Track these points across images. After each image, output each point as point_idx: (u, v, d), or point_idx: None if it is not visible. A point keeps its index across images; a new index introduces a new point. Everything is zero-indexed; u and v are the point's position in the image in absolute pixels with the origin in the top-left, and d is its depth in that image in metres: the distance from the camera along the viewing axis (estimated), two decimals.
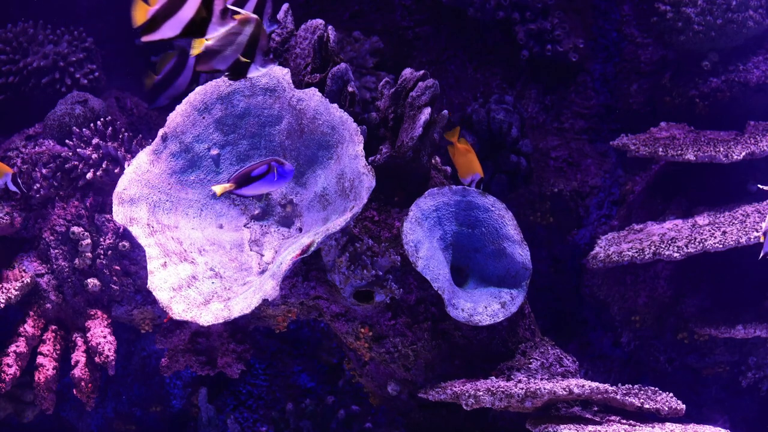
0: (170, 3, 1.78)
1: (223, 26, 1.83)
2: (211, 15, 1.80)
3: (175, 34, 1.80)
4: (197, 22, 1.79)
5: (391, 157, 2.38)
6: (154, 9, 1.78)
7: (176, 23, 1.79)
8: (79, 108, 2.74)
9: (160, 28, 1.80)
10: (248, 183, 2.15)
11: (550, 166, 3.15)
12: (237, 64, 1.96)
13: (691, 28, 2.94)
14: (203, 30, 1.81)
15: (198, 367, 2.56)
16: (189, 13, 1.79)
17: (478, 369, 2.41)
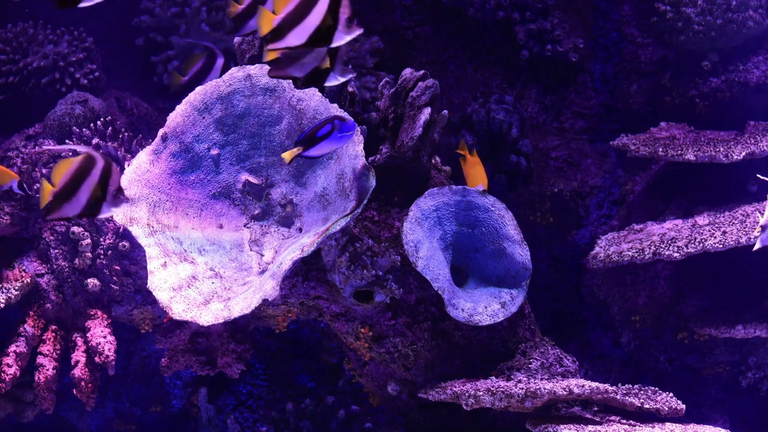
0: (296, 11, 1.76)
1: (349, 34, 1.79)
2: (336, 23, 1.77)
3: (300, 42, 1.77)
4: (323, 31, 1.76)
5: (391, 157, 2.38)
6: (279, 18, 1.76)
7: (302, 32, 1.77)
8: (79, 108, 2.74)
9: (285, 36, 1.77)
10: (315, 143, 2.13)
11: (550, 166, 3.15)
12: (316, 72, 1.94)
13: (691, 28, 2.94)
14: (329, 38, 1.78)
15: (198, 367, 2.56)
16: (315, 21, 1.76)
17: (478, 369, 2.41)
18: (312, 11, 1.76)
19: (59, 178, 1.86)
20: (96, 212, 1.90)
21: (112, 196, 1.89)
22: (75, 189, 1.86)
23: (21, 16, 2.99)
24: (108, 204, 1.89)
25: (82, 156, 1.86)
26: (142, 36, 3.06)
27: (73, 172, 1.86)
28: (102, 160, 1.87)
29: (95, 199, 1.87)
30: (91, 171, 1.87)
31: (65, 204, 1.87)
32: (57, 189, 1.86)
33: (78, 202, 1.87)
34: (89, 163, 1.86)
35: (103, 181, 1.88)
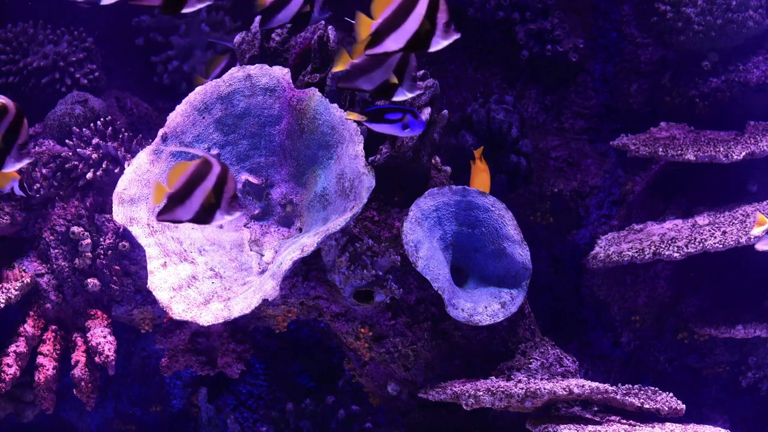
0: (394, 16, 1.75)
1: (447, 39, 1.78)
2: (435, 28, 1.76)
3: (399, 47, 1.77)
4: (421, 35, 1.75)
5: (391, 157, 2.38)
6: (377, 23, 1.76)
7: (400, 36, 1.76)
8: (79, 108, 2.74)
9: (383, 41, 1.77)
10: (378, 121, 2.12)
11: (550, 166, 3.15)
12: (385, 85, 1.94)
13: (691, 28, 2.94)
14: (427, 43, 1.77)
15: (198, 367, 2.56)
16: (413, 26, 1.75)
17: (478, 369, 2.41)
18: (410, 16, 1.75)
19: (174, 181, 1.81)
20: (209, 219, 1.85)
21: (227, 204, 1.84)
22: (189, 193, 1.82)
23: (21, 16, 2.99)
24: (222, 211, 1.84)
25: (199, 160, 1.81)
26: (142, 36, 3.06)
27: (188, 176, 1.81)
28: (218, 166, 1.82)
29: (209, 205, 1.83)
30: (207, 176, 1.82)
31: (178, 207, 1.83)
32: (172, 191, 1.82)
33: (191, 207, 1.83)
34: (205, 168, 1.82)
35: (218, 187, 1.83)
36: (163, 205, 1.83)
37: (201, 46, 3.01)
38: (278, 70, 2.39)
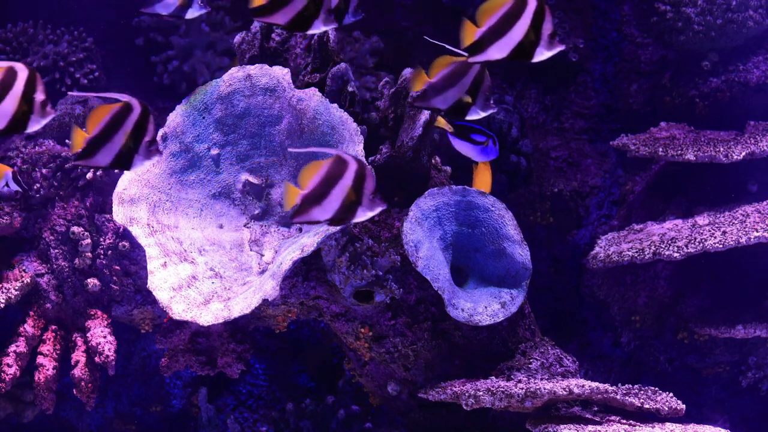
0: (499, 25, 1.76)
1: (551, 50, 1.79)
2: (539, 39, 1.77)
3: (502, 56, 1.78)
4: (525, 46, 1.76)
5: (391, 157, 2.38)
6: (482, 30, 1.77)
7: (504, 45, 1.77)
8: (79, 108, 2.74)
9: (487, 49, 1.78)
10: (462, 138, 2.15)
11: (550, 166, 3.15)
12: (458, 104, 1.95)
13: (691, 28, 2.94)
14: (531, 54, 1.78)
15: (198, 367, 2.56)
16: (518, 36, 1.76)
17: (478, 369, 2.41)
18: (515, 26, 1.76)
19: (308, 180, 1.80)
20: (350, 217, 1.82)
21: (368, 201, 1.81)
22: (327, 191, 1.80)
23: (21, 16, 2.99)
24: (364, 208, 1.81)
25: (333, 158, 1.79)
26: (142, 36, 3.06)
27: (324, 175, 1.79)
28: (355, 163, 1.79)
29: (350, 203, 1.80)
30: (344, 174, 1.79)
31: (314, 207, 1.81)
32: (306, 192, 1.80)
33: (330, 206, 1.80)
34: (341, 166, 1.79)
35: (357, 185, 1.80)
36: (296, 207, 1.80)
37: (201, 46, 3.01)
38: (278, 70, 2.39)
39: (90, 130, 1.81)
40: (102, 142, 1.81)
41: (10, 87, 1.75)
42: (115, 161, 1.82)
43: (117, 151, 1.81)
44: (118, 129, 1.80)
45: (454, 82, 1.95)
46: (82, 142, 1.81)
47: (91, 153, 1.81)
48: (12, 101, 1.75)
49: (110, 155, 1.81)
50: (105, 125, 1.80)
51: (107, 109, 1.80)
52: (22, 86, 1.75)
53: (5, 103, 1.76)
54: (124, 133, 1.80)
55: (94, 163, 1.82)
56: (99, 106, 1.83)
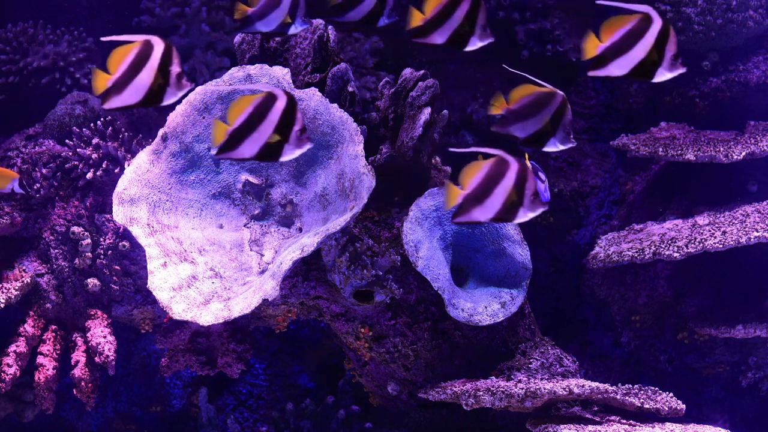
0: (622, 42, 1.77)
1: (672, 72, 1.79)
2: (662, 59, 1.78)
3: (622, 73, 1.78)
4: (647, 65, 1.77)
5: (391, 157, 2.38)
6: (604, 45, 1.78)
7: (625, 63, 1.78)
8: (79, 108, 2.74)
9: (607, 65, 1.79)
10: None
11: (550, 165, 3.15)
12: (537, 134, 1.94)
13: (691, 28, 2.94)
14: (651, 73, 1.79)
15: (198, 367, 2.56)
16: (641, 54, 1.77)
17: (478, 369, 2.41)
18: (638, 44, 1.76)
19: (469, 180, 1.79)
20: (511, 218, 1.81)
21: (529, 201, 1.80)
22: (488, 191, 1.80)
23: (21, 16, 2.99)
24: (525, 209, 1.81)
25: (495, 158, 1.78)
26: None
27: (485, 175, 1.79)
28: (516, 164, 1.78)
29: (511, 203, 1.79)
30: (506, 174, 1.78)
31: (476, 207, 1.80)
32: (468, 191, 1.79)
33: (492, 206, 1.80)
34: (502, 166, 1.78)
35: (519, 185, 1.79)
36: (458, 207, 1.80)
37: (201, 46, 3.01)
38: (278, 70, 2.39)
39: (231, 121, 1.77)
40: (246, 134, 1.78)
41: (147, 60, 1.75)
42: (262, 152, 1.79)
43: (264, 142, 1.78)
44: (263, 119, 1.77)
45: (536, 111, 1.94)
46: (224, 133, 1.78)
47: (234, 145, 1.78)
48: (148, 74, 1.76)
49: (256, 146, 1.79)
50: (248, 116, 1.77)
51: (249, 99, 1.78)
52: (159, 59, 1.75)
53: (141, 76, 1.76)
54: (271, 123, 1.77)
55: (238, 155, 1.79)
56: (241, 97, 1.79)
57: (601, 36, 1.78)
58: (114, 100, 1.79)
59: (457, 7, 1.87)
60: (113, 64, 1.78)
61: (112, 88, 1.78)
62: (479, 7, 1.88)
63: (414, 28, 1.89)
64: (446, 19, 1.88)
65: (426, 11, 1.86)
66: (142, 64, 1.77)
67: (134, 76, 1.78)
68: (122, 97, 1.79)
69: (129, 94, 1.79)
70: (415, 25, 1.89)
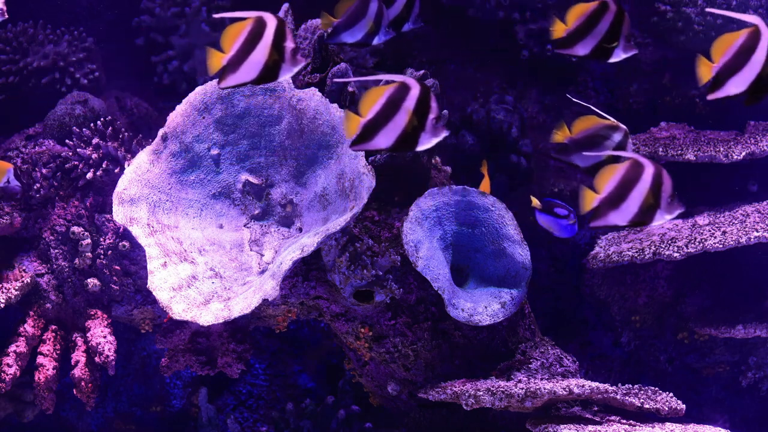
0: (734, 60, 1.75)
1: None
2: None
3: (739, 91, 1.77)
4: (765, 79, 1.75)
5: (391, 157, 2.38)
6: (718, 66, 1.76)
7: (741, 80, 1.76)
8: (79, 108, 2.74)
9: (725, 85, 1.77)
10: (547, 212, 2.24)
11: (550, 165, 3.15)
12: (598, 165, 1.93)
13: (691, 28, 2.94)
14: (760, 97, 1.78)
15: (198, 367, 2.56)
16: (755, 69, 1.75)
17: (478, 369, 2.41)
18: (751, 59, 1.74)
19: (605, 184, 1.77)
20: (648, 221, 1.78)
21: (666, 203, 1.77)
22: (624, 196, 1.77)
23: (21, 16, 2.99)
24: (662, 211, 1.78)
25: (630, 161, 1.75)
26: (142, 36, 3.06)
27: (621, 178, 1.76)
28: (652, 166, 1.75)
29: (648, 206, 1.77)
30: (641, 177, 1.76)
31: (612, 211, 1.77)
32: (604, 195, 1.77)
33: (628, 210, 1.77)
34: (637, 169, 1.76)
35: (656, 187, 1.76)
36: (593, 211, 1.78)
37: (201, 46, 3.01)
38: None
39: (364, 113, 1.74)
40: (381, 124, 1.75)
41: (260, 36, 1.74)
42: (398, 142, 1.76)
43: (400, 132, 1.75)
44: (397, 109, 1.74)
45: (597, 143, 1.96)
46: (357, 126, 1.75)
47: (369, 136, 1.75)
48: (263, 50, 1.74)
49: (392, 136, 1.76)
50: (383, 106, 1.74)
51: (381, 90, 1.74)
52: (272, 35, 1.73)
53: (256, 53, 1.75)
54: (407, 112, 1.74)
55: (374, 146, 1.76)
56: (373, 88, 1.76)
57: (712, 57, 1.74)
58: (230, 78, 1.77)
59: (602, 18, 1.86)
60: (227, 43, 1.76)
61: (228, 66, 1.76)
62: (623, 18, 1.87)
63: (558, 39, 1.89)
64: (590, 30, 1.87)
65: (569, 22, 1.87)
66: (256, 41, 1.75)
67: (249, 53, 1.76)
68: (238, 75, 1.77)
69: (244, 72, 1.77)
70: (558, 36, 1.89)
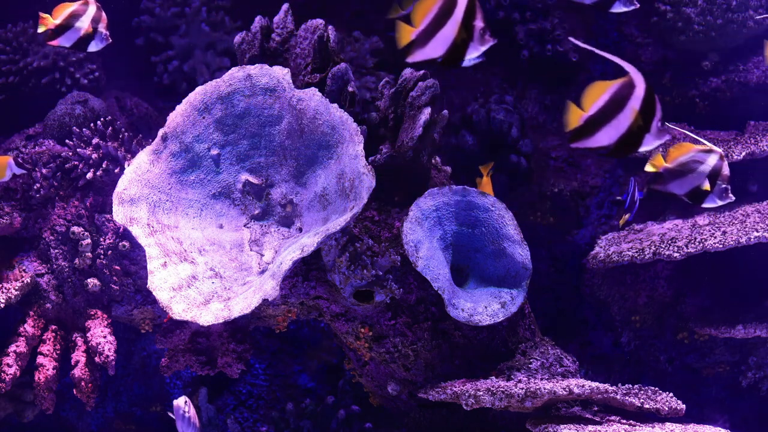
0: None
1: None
2: None
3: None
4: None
5: (391, 157, 2.38)
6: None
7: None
8: (79, 108, 2.74)
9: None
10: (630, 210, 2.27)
11: (550, 165, 3.15)
12: (696, 191, 1.95)
13: (691, 28, 2.94)
14: None
15: (198, 367, 2.56)
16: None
17: (478, 369, 2.41)
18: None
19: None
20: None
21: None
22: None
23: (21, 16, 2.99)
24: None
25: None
26: (142, 36, 3.06)
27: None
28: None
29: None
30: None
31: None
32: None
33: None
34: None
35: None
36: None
37: (201, 46, 3.01)
38: (278, 70, 2.39)
39: (586, 108, 1.69)
40: (604, 121, 1.70)
41: (450, 13, 1.72)
42: (620, 142, 1.71)
43: (624, 131, 1.70)
44: (621, 107, 1.68)
45: (692, 169, 1.96)
46: (578, 119, 1.70)
47: (590, 132, 1.71)
48: (452, 27, 1.72)
49: (615, 135, 1.70)
50: (606, 102, 1.69)
51: (604, 86, 1.69)
52: (462, 12, 1.71)
53: (445, 30, 1.73)
54: (631, 111, 1.68)
55: (595, 143, 1.72)
56: (596, 83, 1.70)
57: None
58: (417, 53, 1.75)
59: None
60: (417, 17, 1.75)
61: (416, 41, 1.75)
62: None
63: None
64: None
65: None
66: (446, 18, 1.72)
67: (438, 29, 1.74)
68: (425, 51, 1.75)
69: (432, 48, 1.74)
70: None
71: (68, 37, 2.19)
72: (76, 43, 2.21)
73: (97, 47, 2.24)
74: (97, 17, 2.19)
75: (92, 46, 2.23)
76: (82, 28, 2.18)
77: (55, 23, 2.19)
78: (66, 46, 2.21)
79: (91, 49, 2.22)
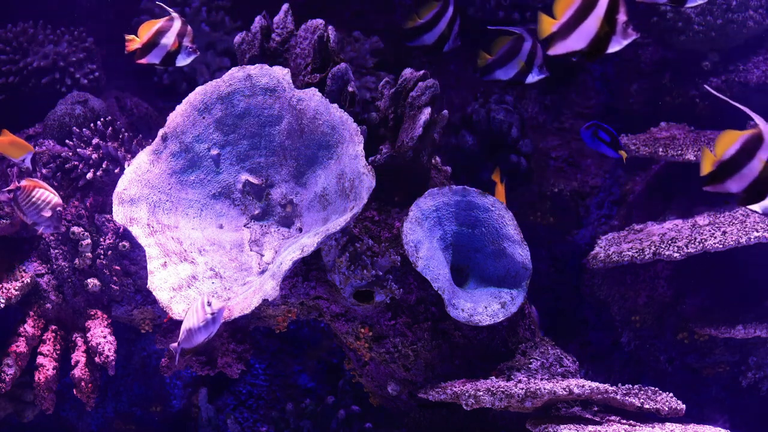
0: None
1: None
2: None
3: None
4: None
5: (391, 157, 2.38)
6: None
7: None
8: (79, 108, 2.74)
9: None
10: None
11: (550, 166, 3.15)
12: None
13: (692, 28, 2.94)
14: None
15: (198, 367, 2.56)
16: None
17: (478, 369, 2.41)
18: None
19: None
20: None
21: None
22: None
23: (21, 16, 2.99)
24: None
25: None
26: None
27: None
28: None
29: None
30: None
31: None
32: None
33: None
34: None
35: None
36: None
37: (201, 46, 3.01)
38: (278, 70, 2.39)
39: (719, 153, 1.66)
40: (737, 168, 1.67)
41: (594, 5, 1.71)
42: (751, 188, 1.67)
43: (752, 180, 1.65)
44: (754, 154, 1.66)
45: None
46: (711, 165, 1.68)
47: (723, 177, 1.68)
48: (595, 21, 1.71)
49: (745, 182, 1.67)
50: (738, 151, 1.67)
51: (735, 135, 1.67)
52: (605, 5, 1.70)
53: (588, 22, 1.72)
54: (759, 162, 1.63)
55: (724, 189, 1.67)
56: (727, 132, 1.66)
57: None
58: (558, 45, 1.75)
59: None
60: (559, 9, 1.75)
61: (557, 33, 1.74)
62: None
63: None
64: None
65: None
66: (588, 11, 1.72)
67: (580, 22, 1.74)
68: (567, 43, 1.75)
69: (574, 40, 1.74)
70: None
71: (156, 54, 2.24)
72: (164, 59, 2.25)
73: (184, 61, 2.28)
74: (182, 32, 2.24)
75: (179, 60, 2.26)
76: (168, 44, 2.22)
77: (143, 42, 2.23)
78: (155, 62, 2.25)
79: (179, 63, 2.26)
